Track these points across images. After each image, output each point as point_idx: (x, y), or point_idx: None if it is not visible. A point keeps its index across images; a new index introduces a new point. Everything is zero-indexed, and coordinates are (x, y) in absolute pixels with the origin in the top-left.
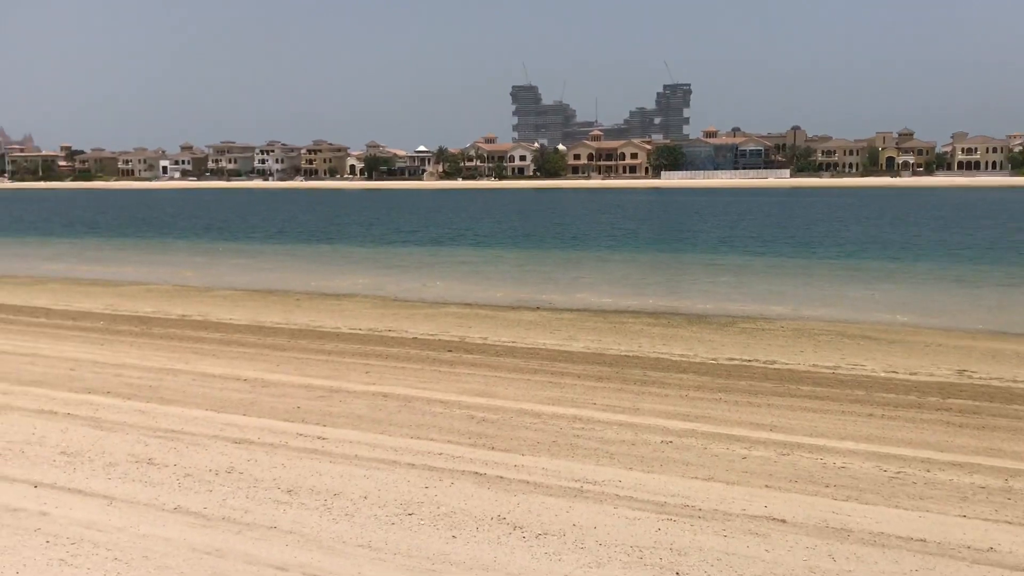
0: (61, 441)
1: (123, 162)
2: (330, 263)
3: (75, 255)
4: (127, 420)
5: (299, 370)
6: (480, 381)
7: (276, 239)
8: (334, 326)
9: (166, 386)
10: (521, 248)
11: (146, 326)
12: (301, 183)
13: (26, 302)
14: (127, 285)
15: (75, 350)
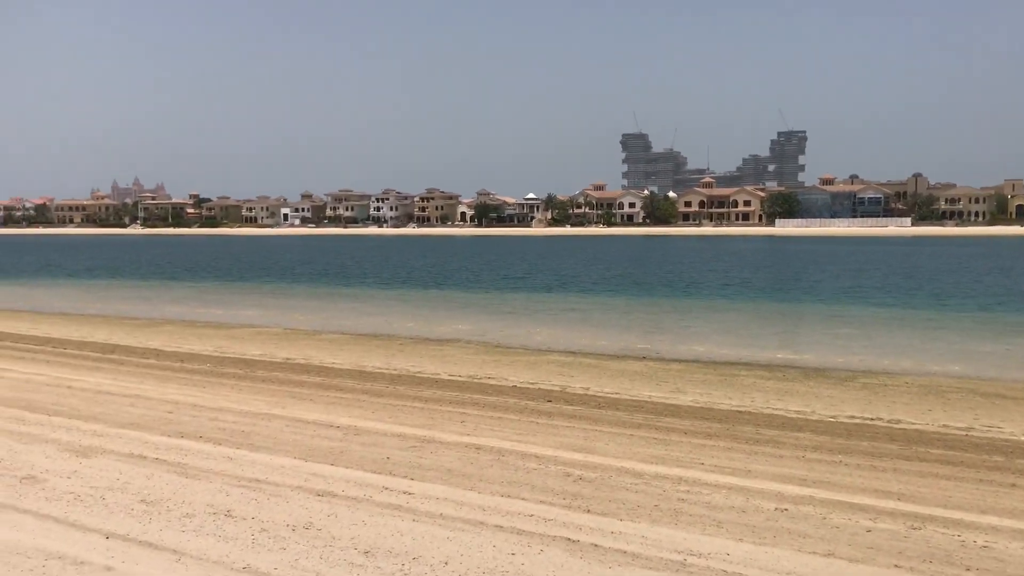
0: (143, 488)
1: (247, 209)
2: (437, 308)
3: (196, 298)
4: (213, 467)
5: (393, 417)
6: (579, 435)
7: (387, 284)
8: (433, 372)
9: (258, 432)
10: (629, 295)
11: (250, 369)
12: (414, 230)
13: (141, 343)
14: (239, 327)
15: (177, 392)
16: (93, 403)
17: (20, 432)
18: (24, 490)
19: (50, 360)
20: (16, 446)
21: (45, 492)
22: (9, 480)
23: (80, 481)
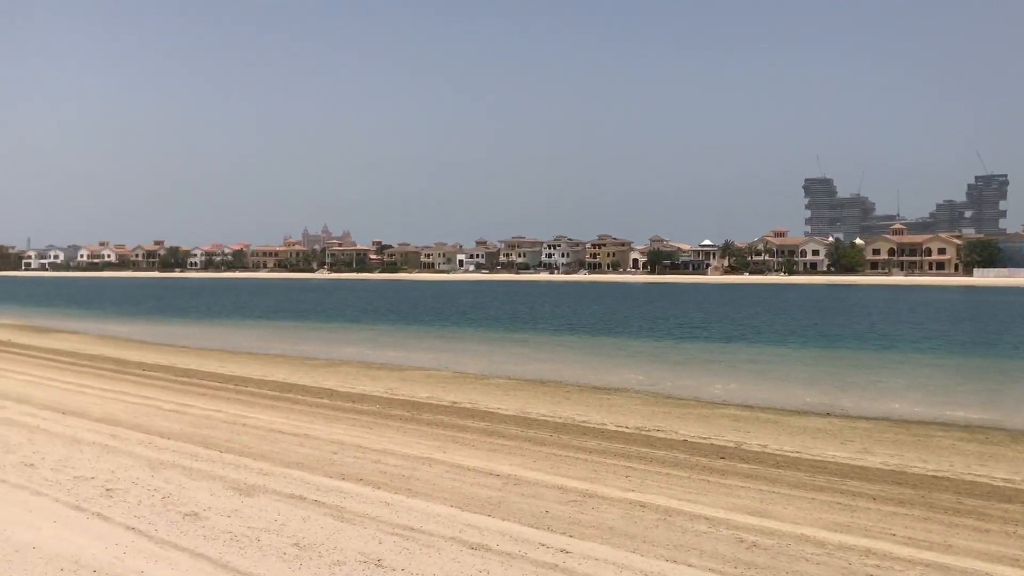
0: (299, 531)
1: (424, 255)
2: (606, 355)
3: (372, 340)
4: (370, 512)
5: (555, 468)
6: (754, 496)
7: (557, 330)
8: (600, 422)
9: (418, 476)
10: (813, 347)
11: (417, 411)
12: (585, 276)
13: (316, 383)
14: (410, 370)
15: (344, 433)
16: (264, 441)
17: (192, 468)
18: (186, 527)
19: (230, 397)
20: (186, 482)
21: (204, 530)
22: (173, 516)
23: (239, 521)
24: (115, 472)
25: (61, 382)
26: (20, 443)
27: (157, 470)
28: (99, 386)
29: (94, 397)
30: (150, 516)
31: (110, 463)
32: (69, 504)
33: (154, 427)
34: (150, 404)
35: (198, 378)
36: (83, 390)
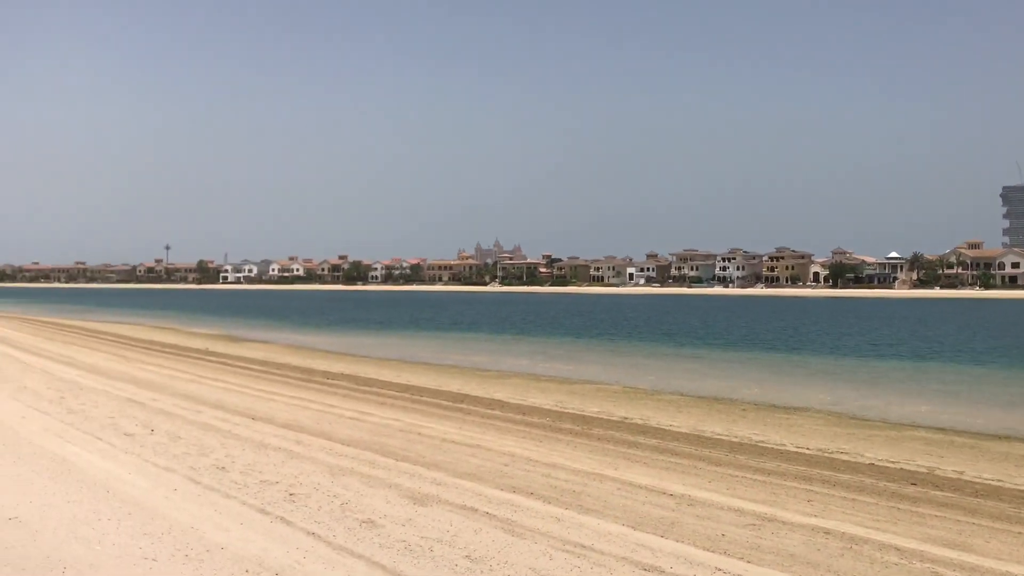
0: (470, 543)
1: (594, 269)
2: (786, 373)
3: (543, 352)
4: (540, 527)
5: (731, 489)
6: (951, 527)
7: (733, 345)
8: (778, 442)
9: (589, 492)
10: (1017, 367)
11: (587, 426)
12: (761, 290)
13: (488, 394)
14: (580, 383)
15: (515, 445)
16: (437, 451)
17: (369, 475)
18: (362, 534)
19: (406, 407)
20: (363, 489)
21: (380, 538)
22: (350, 523)
23: (413, 530)
24: (298, 477)
25: (253, 389)
26: (214, 447)
27: (337, 476)
28: (286, 393)
29: (281, 404)
30: (329, 522)
31: (294, 468)
32: (255, 507)
33: (335, 434)
34: (332, 412)
35: (377, 387)
36: (272, 397)
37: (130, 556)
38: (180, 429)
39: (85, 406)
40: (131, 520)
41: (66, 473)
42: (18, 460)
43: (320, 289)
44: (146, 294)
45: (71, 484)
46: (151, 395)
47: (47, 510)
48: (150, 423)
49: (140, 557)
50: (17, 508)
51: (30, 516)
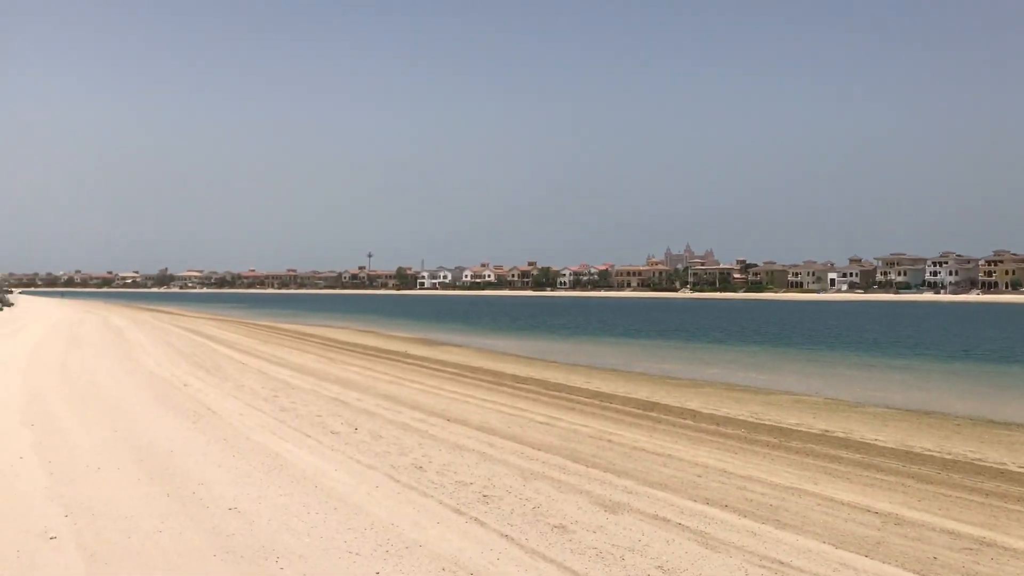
0: (662, 553)
1: (792, 274)
2: (1007, 386)
3: (736, 361)
4: (735, 541)
5: (944, 510)
6: None
7: (947, 357)
8: (998, 461)
9: (787, 507)
10: None
11: (784, 438)
12: (976, 297)
13: (679, 403)
14: (777, 394)
15: (708, 456)
16: (627, 459)
17: (560, 480)
18: (554, 539)
19: (596, 413)
20: (554, 494)
21: (571, 544)
22: (542, 527)
23: (604, 537)
24: (491, 479)
25: (447, 391)
26: (412, 447)
27: (528, 480)
28: (479, 396)
29: (474, 407)
30: (521, 525)
31: (487, 470)
32: (451, 507)
33: (526, 438)
34: (523, 416)
35: (566, 392)
36: (466, 400)
37: (336, 549)
38: (381, 428)
39: (296, 404)
40: (337, 515)
41: (279, 468)
42: (237, 454)
43: (510, 295)
44: (349, 299)
45: (283, 478)
46: (355, 395)
47: (262, 502)
48: (354, 422)
49: (345, 551)
50: (237, 499)
51: (248, 507)
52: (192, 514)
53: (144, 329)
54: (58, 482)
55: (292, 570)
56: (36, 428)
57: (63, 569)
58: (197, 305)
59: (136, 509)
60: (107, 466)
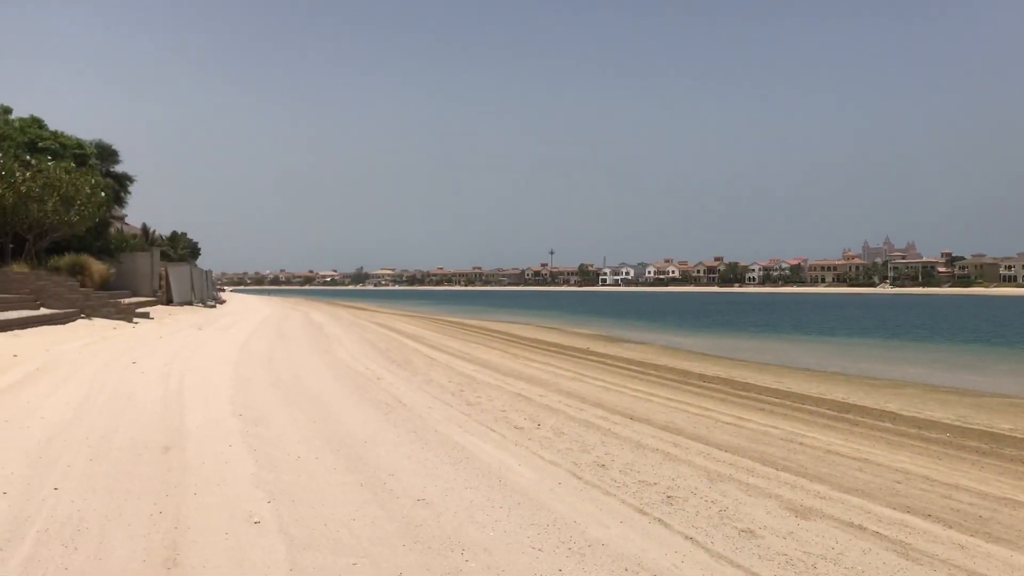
0: (858, 563)
1: (1005, 267)
2: None
3: (941, 360)
4: (939, 553)
5: None
6: None
7: None
8: None
9: (999, 519)
10: None
11: (997, 444)
12: None
13: (878, 405)
14: (989, 396)
15: (908, 461)
16: (820, 463)
17: (747, 483)
18: (741, 544)
19: (786, 414)
20: (741, 497)
21: (759, 549)
22: (728, 531)
23: (795, 544)
24: (675, 480)
25: (630, 389)
26: (595, 444)
27: (714, 482)
28: (662, 395)
29: (658, 405)
30: (707, 528)
31: (671, 471)
32: (634, 507)
33: (712, 439)
34: (708, 416)
35: (755, 392)
36: (649, 398)
37: (519, 544)
38: (563, 425)
39: (481, 399)
40: (520, 510)
41: (465, 461)
42: (425, 446)
43: (695, 291)
44: (532, 295)
45: (469, 471)
46: (538, 391)
47: (449, 494)
48: (537, 418)
49: (528, 546)
50: (425, 490)
51: (435, 499)
52: (383, 503)
53: (342, 325)
54: (262, 469)
55: (477, 563)
56: (243, 418)
57: (266, 552)
58: (389, 301)
59: (332, 497)
60: (306, 455)
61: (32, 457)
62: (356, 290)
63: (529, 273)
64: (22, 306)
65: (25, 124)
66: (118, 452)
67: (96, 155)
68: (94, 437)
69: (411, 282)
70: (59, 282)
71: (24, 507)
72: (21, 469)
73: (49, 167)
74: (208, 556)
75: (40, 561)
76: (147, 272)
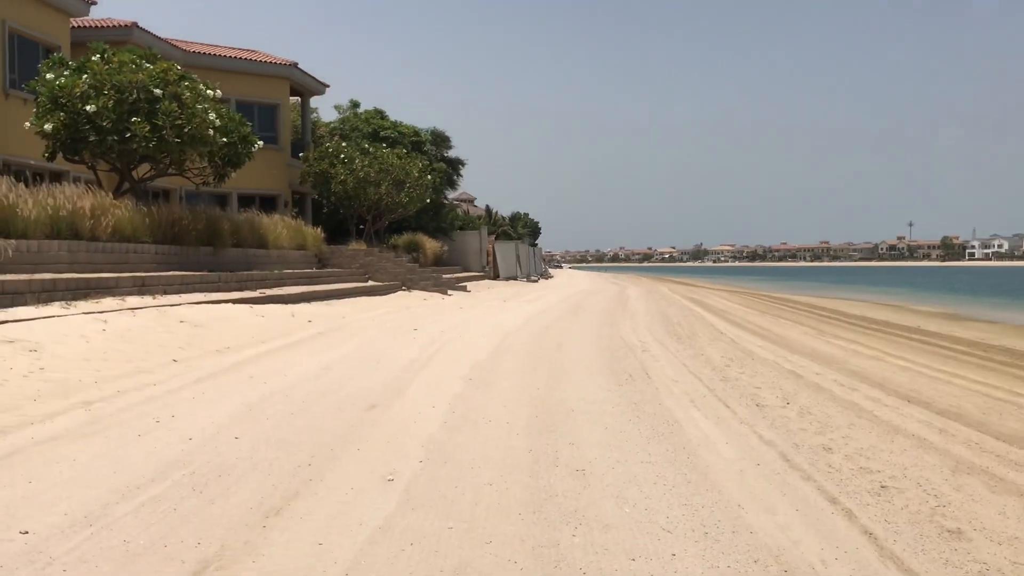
0: None
1: None
2: None
3: None
4: None
5: None
6: None
7: None
8: None
9: None
10: None
11: None
12: None
13: None
14: None
15: None
16: None
17: (1000, 477)
18: (936, 545)
19: None
20: (981, 493)
21: (958, 555)
22: (928, 530)
23: (1011, 551)
24: (908, 470)
25: (932, 370)
26: (839, 426)
27: (957, 474)
28: (970, 376)
29: (954, 387)
30: (902, 524)
31: (910, 459)
32: (827, 495)
33: (995, 427)
34: (1015, 401)
35: None
36: (951, 380)
37: (649, 523)
38: (817, 404)
39: (743, 375)
40: (683, 488)
41: (666, 436)
42: (635, 419)
43: None
44: (882, 271)
45: (662, 446)
46: (817, 369)
47: (618, 466)
48: (792, 396)
49: (659, 526)
50: (593, 461)
51: (597, 470)
52: (536, 471)
53: (652, 298)
54: (443, 430)
55: (581, 539)
56: (472, 381)
57: (370, 509)
58: (721, 277)
59: (488, 460)
60: (498, 419)
61: (244, 409)
62: (692, 266)
63: (883, 247)
64: (352, 279)
65: (370, 115)
66: (324, 408)
67: (431, 142)
68: (316, 393)
69: (751, 258)
70: (386, 257)
71: (193, 453)
72: (225, 419)
73: (384, 153)
74: (312, 509)
75: (158, 501)
76: (476, 249)
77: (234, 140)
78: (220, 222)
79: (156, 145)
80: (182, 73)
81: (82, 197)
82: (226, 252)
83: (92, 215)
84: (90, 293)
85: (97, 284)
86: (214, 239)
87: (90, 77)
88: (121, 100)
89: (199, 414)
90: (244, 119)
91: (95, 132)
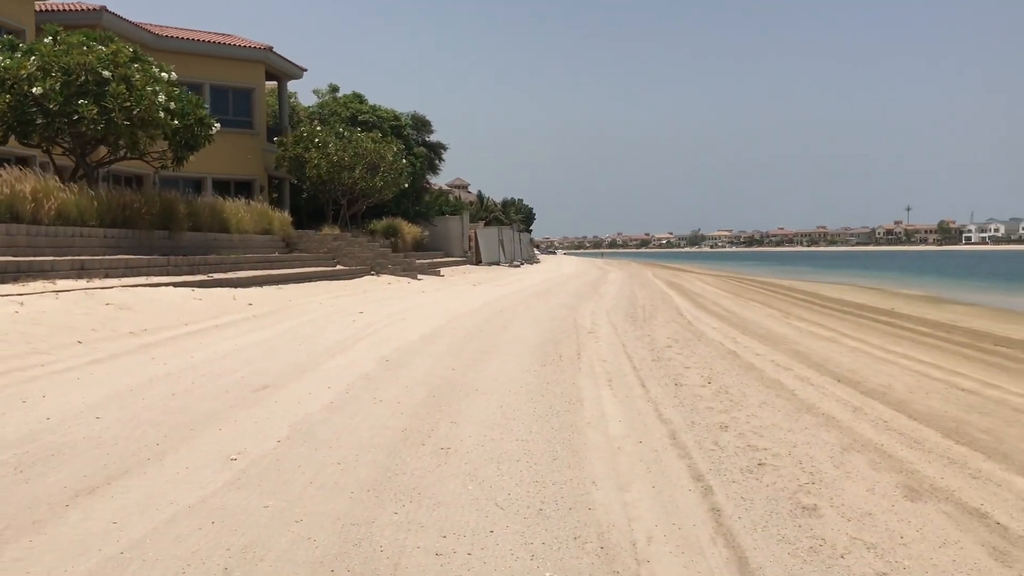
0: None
1: None
2: None
3: None
4: None
5: None
6: None
7: None
8: None
9: None
10: None
11: None
12: None
13: None
14: None
15: None
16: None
17: (896, 457)
18: (780, 527)
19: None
20: (866, 472)
21: (809, 538)
22: (786, 507)
23: (874, 534)
24: (795, 448)
25: (883, 351)
26: (749, 406)
27: (847, 451)
28: (917, 357)
29: (897, 368)
30: (758, 502)
31: (805, 437)
32: (694, 474)
33: (915, 406)
34: (948, 380)
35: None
36: (896, 360)
37: (486, 500)
38: (738, 384)
39: (680, 355)
40: (544, 466)
41: (561, 414)
42: (536, 398)
43: None
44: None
45: (548, 424)
46: (760, 350)
47: (486, 444)
48: (717, 376)
49: (493, 503)
50: (463, 441)
51: (462, 448)
52: (396, 450)
53: (630, 283)
54: (324, 410)
55: (402, 517)
56: (388, 363)
57: (198, 487)
58: (717, 263)
59: (351, 440)
60: (389, 399)
61: (124, 390)
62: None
63: (880, 232)
64: (318, 263)
65: (348, 100)
66: (209, 389)
67: (411, 126)
68: (211, 375)
69: (748, 243)
70: (357, 242)
71: (40, 432)
72: (100, 400)
73: (359, 138)
74: (131, 488)
75: None
76: (457, 234)
77: (189, 123)
78: (175, 206)
79: (105, 127)
80: (133, 55)
81: (22, 180)
82: (182, 236)
83: (33, 198)
84: (20, 276)
85: (29, 267)
86: (170, 223)
87: (38, 59)
88: (68, 82)
89: (73, 395)
90: (201, 101)
91: (43, 115)
